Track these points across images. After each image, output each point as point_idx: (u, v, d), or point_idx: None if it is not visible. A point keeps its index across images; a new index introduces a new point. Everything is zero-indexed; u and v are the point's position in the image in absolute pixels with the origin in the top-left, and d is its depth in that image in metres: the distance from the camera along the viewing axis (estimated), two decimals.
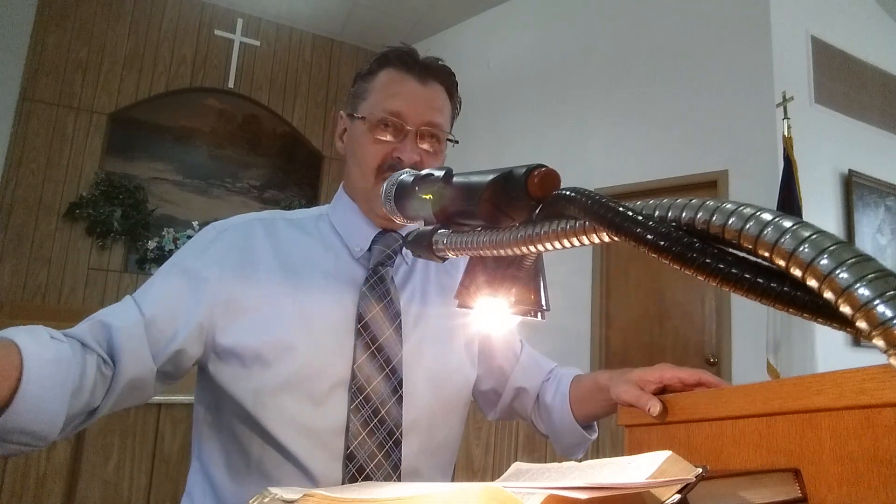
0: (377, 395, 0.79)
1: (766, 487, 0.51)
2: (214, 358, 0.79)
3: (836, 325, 0.25)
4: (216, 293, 0.78)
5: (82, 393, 0.67)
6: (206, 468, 0.81)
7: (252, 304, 0.79)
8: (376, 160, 0.85)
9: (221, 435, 0.80)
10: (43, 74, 4.61)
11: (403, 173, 0.52)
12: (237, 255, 0.81)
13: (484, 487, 0.39)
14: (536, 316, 0.48)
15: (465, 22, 5.26)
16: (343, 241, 0.88)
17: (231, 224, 0.86)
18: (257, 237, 0.84)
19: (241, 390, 0.77)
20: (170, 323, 0.75)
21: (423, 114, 0.86)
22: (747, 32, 3.47)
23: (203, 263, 0.80)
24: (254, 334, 0.77)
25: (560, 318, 3.23)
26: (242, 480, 0.78)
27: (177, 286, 0.78)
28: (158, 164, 5.09)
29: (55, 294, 4.47)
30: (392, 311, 0.84)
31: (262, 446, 0.77)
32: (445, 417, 0.88)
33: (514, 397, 0.99)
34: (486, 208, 0.40)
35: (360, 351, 0.80)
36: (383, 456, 0.78)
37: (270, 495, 0.48)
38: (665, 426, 0.69)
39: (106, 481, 1.81)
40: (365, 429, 0.77)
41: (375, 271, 0.85)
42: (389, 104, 0.85)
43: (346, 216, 0.90)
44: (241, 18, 5.32)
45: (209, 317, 0.77)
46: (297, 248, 0.85)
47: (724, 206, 0.26)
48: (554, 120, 4.39)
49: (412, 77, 0.87)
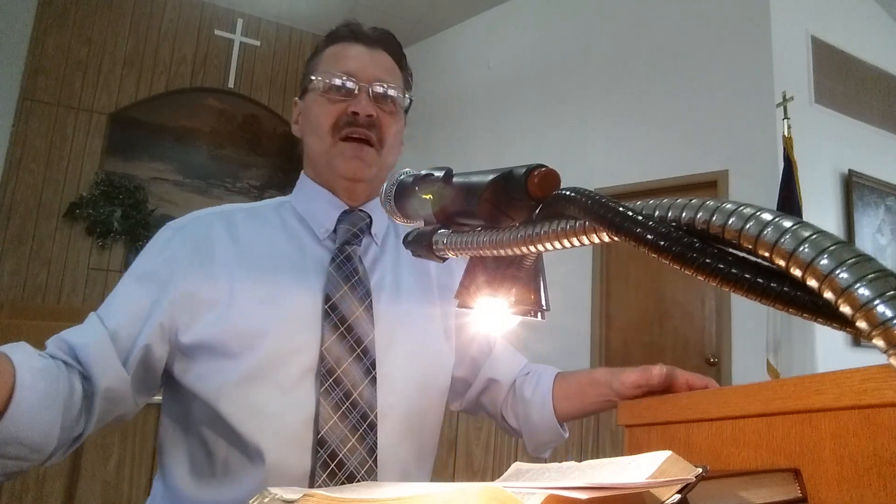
0: (348, 378, 0.76)
1: (766, 487, 0.51)
2: (179, 357, 0.77)
3: (836, 325, 0.25)
4: (175, 291, 0.76)
5: (73, 405, 0.67)
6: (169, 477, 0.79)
7: (213, 297, 0.76)
8: (330, 119, 0.84)
9: (188, 442, 0.78)
10: (43, 74, 4.61)
11: (403, 173, 0.52)
12: (195, 250, 0.79)
13: (484, 487, 0.39)
14: (536, 316, 0.48)
15: (465, 22, 5.26)
16: (306, 226, 0.86)
17: (187, 221, 0.84)
18: (215, 231, 0.82)
19: (207, 388, 0.75)
20: (133, 329, 0.74)
21: (372, 71, 0.85)
22: (747, 32, 3.47)
23: (160, 264, 0.78)
24: (217, 327, 0.75)
25: (560, 318, 3.23)
26: (207, 484, 0.75)
27: (136, 293, 0.76)
28: (158, 164, 5.10)
29: (55, 294, 4.47)
30: (361, 289, 0.81)
31: (227, 446, 0.74)
32: (424, 401, 0.84)
33: (484, 389, 0.97)
34: (486, 208, 0.40)
35: (328, 332, 0.77)
36: (357, 440, 0.74)
37: (270, 495, 0.48)
38: (665, 426, 0.69)
39: (106, 481, 1.81)
40: (336, 412, 0.74)
41: (342, 250, 0.83)
42: (338, 66, 0.85)
43: (309, 199, 0.88)
44: (241, 18, 5.32)
45: (170, 316, 0.75)
46: (258, 238, 0.83)
47: (724, 206, 0.26)
48: (554, 120, 4.39)
49: (358, 43, 0.87)
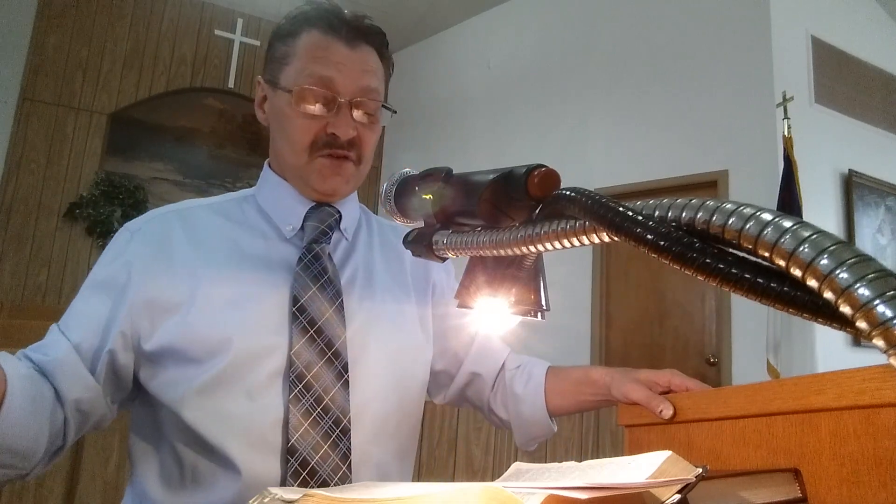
0: (319, 382, 0.73)
1: (766, 487, 0.51)
2: (144, 364, 0.74)
3: (836, 325, 0.25)
4: (134, 297, 0.73)
5: (57, 414, 0.66)
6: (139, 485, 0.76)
7: (174, 301, 0.73)
8: (308, 137, 0.77)
9: (157, 449, 0.75)
10: (43, 74, 4.61)
11: (403, 173, 0.52)
12: (153, 252, 0.75)
13: (484, 487, 0.39)
14: (536, 316, 0.48)
15: (465, 22, 5.26)
16: (272, 223, 0.81)
17: (143, 221, 0.80)
18: (174, 230, 0.78)
19: (171, 395, 0.72)
20: (96, 341, 0.72)
21: (355, 80, 0.76)
22: (747, 32, 3.47)
23: (117, 270, 0.75)
24: (178, 334, 0.72)
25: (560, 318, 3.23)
26: (177, 492, 0.73)
27: (95, 302, 0.74)
28: (158, 164, 5.10)
29: (55, 294, 4.47)
30: (331, 290, 0.77)
31: (195, 454, 0.72)
32: (401, 399, 0.81)
33: (468, 383, 0.94)
34: (486, 208, 0.40)
35: (297, 336, 0.73)
36: (329, 447, 0.72)
37: (270, 495, 0.48)
38: (665, 426, 0.69)
39: (106, 481, 1.81)
40: (307, 419, 0.71)
41: (309, 249, 0.78)
42: (316, 71, 0.75)
43: (274, 194, 0.83)
44: (241, 18, 5.32)
45: (130, 323, 0.72)
46: (220, 236, 0.79)
47: (724, 206, 0.26)
48: (554, 120, 4.39)
49: (339, 41, 0.77)
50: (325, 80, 0.76)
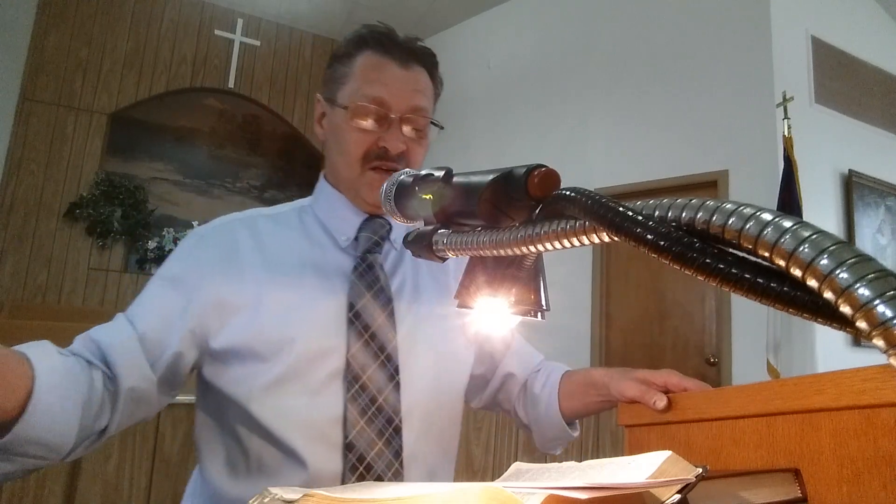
0: (373, 384, 0.78)
1: (766, 487, 0.51)
2: (210, 361, 0.79)
3: (836, 325, 0.25)
4: (204, 297, 0.77)
5: (92, 405, 0.67)
6: (206, 471, 0.81)
7: (241, 303, 0.78)
8: (360, 150, 0.83)
9: (223, 437, 0.80)
10: (43, 74, 4.62)
11: (403, 173, 0.52)
12: (221, 256, 0.81)
13: (484, 487, 0.39)
14: (536, 316, 0.48)
15: (465, 22, 5.26)
16: (328, 233, 0.87)
17: (212, 227, 0.85)
18: (240, 236, 0.83)
19: (238, 390, 0.77)
20: (163, 333, 0.75)
21: (406, 99, 0.83)
22: (747, 32, 3.47)
23: (188, 269, 0.79)
24: (245, 333, 0.77)
25: (560, 318, 3.24)
26: (243, 480, 0.78)
27: (165, 296, 0.77)
28: (158, 164, 5.10)
29: (55, 294, 4.47)
30: (383, 297, 0.83)
31: (261, 444, 0.77)
32: (445, 401, 0.87)
33: (502, 385, 0.99)
34: (486, 208, 0.40)
35: (353, 340, 0.79)
36: (384, 444, 0.77)
37: (270, 495, 0.48)
38: (665, 426, 0.69)
39: (106, 481, 1.81)
40: (363, 417, 0.77)
41: (363, 259, 0.84)
42: (370, 91, 0.82)
43: (330, 206, 0.88)
44: (241, 18, 5.33)
45: (200, 322, 0.77)
46: (282, 244, 0.84)
47: (724, 206, 0.26)
48: (554, 120, 4.39)
49: (392, 61, 0.84)
50: (378, 98, 0.82)
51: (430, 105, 0.87)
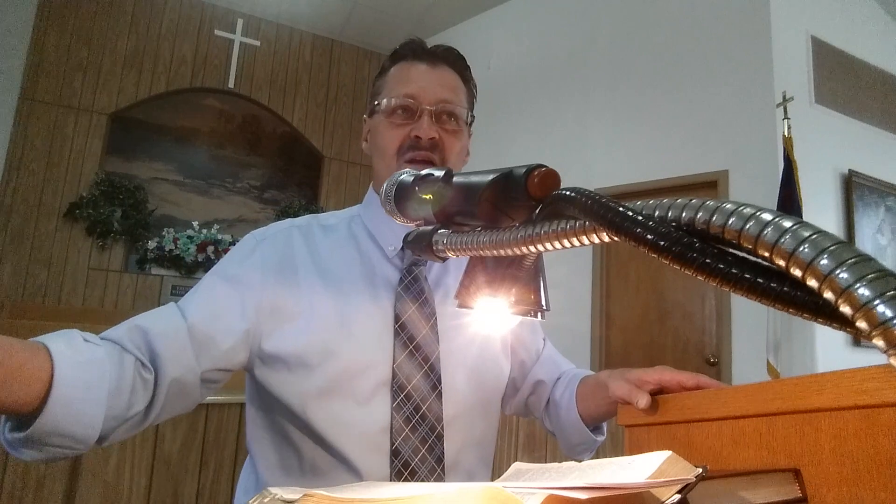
0: (417, 393, 0.81)
1: (766, 487, 0.51)
2: (259, 363, 0.80)
3: (836, 325, 0.25)
4: (261, 300, 0.79)
5: (121, 394, 0.67)
6: (258, 468, 0.83)
7: (295, 309, 0.80)
8: (395, 143, 0.86)
9: (274, 436, 0.82)
10: (43, 74, 4.61)
11: (403, 173, 0.52)
12: (278, 261, 0.83)
13: (484, 487, 0.39)
14: (536, 316, 0.48)
15: (465, 22, 5.26)
16: (376, 243, 0.89)
17: (270, 232, 0.88)
18: (296, 243, 0.86)
19: (288, 394, 0.79)
20: (215, 328, 0.76)
21: (435, 92, 0.87)
22: (747, 32, 3.47)
23: (246, 270, 0.81)
24: (297, 340, 0.79)
25: (560, 318, 3.24)
26: (296, 480, 0.80)
27: (221, 293, 0.79)
28: (158, 164, 5.10)
29: (55, 294, 4.47)
30: (427, 310, 0.85)
31: (313, 447, 0.79)
32: (484, 410, 0.89)
33: (532, 391, 1.01)
34: (486, 208, 0.40)
35: (398, 350, 0.81)
36: (427, 450, 0.80)
37: (270, 495, 0.48)
38: (665, 426, 0.69)
39: (106, 481, 1.81)
40: (408, 425, 0.79)
41: (409, 271, 0.87)
42: (402, 89, 0.87)
43: (377, 216, 0.91)
44: (241, 18, 5.32)
45: (255, 323, 0.79)
46: (333, 253, 0.87)
47: (724, 206, 0.26)
48: (554, 120, 4.39)
49: (422, 62, 0.89)
50: (408, 93, 0.87)
51: (461, 101, 0.90)
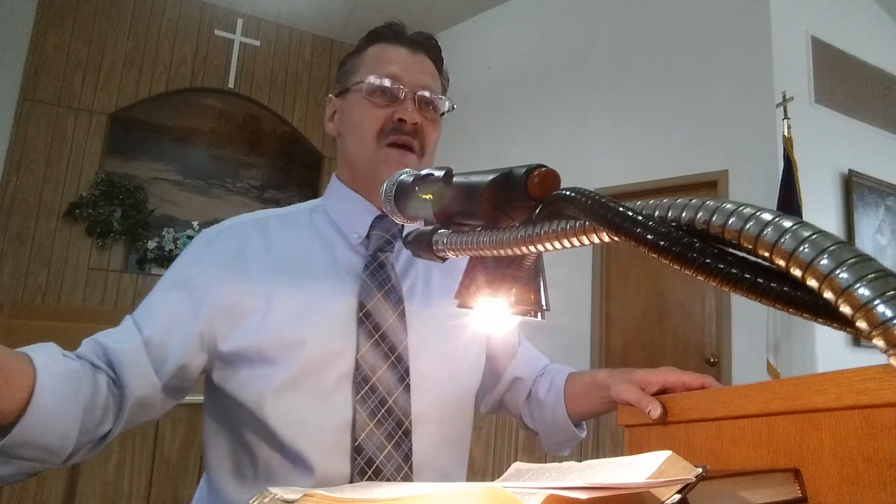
0: (383, 385, 0.77)
1: (766, 487, 0.51)
2: (220, 366, 0.78)
3: (836, 325, 0.25)
4: (213, 300, 0.76)
5: (95, 409, 0.66)
6: (214, 478, 0.80)
7: (251, 306, 0.77)
8: (377, 124, 0.83)
9: (231, 443, 0.79)
10: (43, 74, 4.61)
11: (403, 173, 0.52)
12: (231, 259, 0.80)
13: (484, 487, 0.39)
14: (536, 316, 0.48)
15: (465, 22, 5.25)
16: (339, 230, 0.86)
17: (222, 229, 0.85)
18: (250, 238, 0.82)
19: (247, 395, 0.76)
20: (170, 338, 0.74)
21: (417, 77, 0.85)
22: (747, 32, 3.47)
23: (197, 272, 0.78)
24: (255, 336, 0.76)
25: (560, 318, 3.23)
26: (250, 486, 0.77)
27: (173, 300, 0.77)
28: (158, 164, 5.09)
29: (55, 294, 4.47)
30: (394, 297, 0.81)
31: (268, 449, 0.76)
32: (457, 404, 0.86)
33: (508, 389, 0.98)
34: (486, 208, 0.40)
35: (363, 340, 0.77)
36: (393, 447, 0.76)
37: (270, 495, 0.48)
38: (665, 426, 0.69)
39: (106, 481, 1.81)
40: (372, 420, 0.75)
41: (375, 257, 0.83)
42: (383, 69, 0.84)
43: (342, 203, 0.88)
44: (241, 18, 5.32)
45: (208, 325, 0.76)
46: (292, 244, 0.83)
47: (724, 206, 0.26)
48: (554, 120, 4.39)
49: (402, 47, 0.87)
50: (391, 74, 0.84)
51: (439, 90, 0.89)
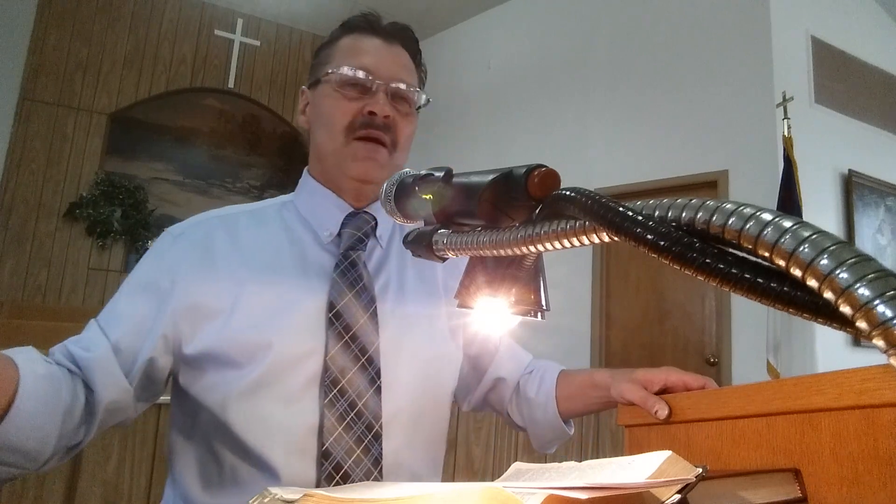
0: (353, 388, 0.74)
1: (766, 487, 0.51)
2: (185, 368, 0.75)
3: (836, 325, 0.25)
4: (177, 301, 0.74)
5: (74, 415, 0.66)
6: (179, 482, 0.78)
7: (216, 306, 0.74)
8: (346, 117, 0.80)
9: (196, 448, 0.77)
10: (43, 74, 4.62)
11: (403, 173, 0.52)
12: (196, 257, 0.77)
13: (484, 487, 0.39)
14: (536, 316, 0.48)
15: (465, 22, 5.26)
16: (310, 228, 0.83)
17: (188, 226, 0.82)
18: (216, 236, 0.79)
19: (212, 398, 0.73)
20: (136, 342, 0.73)
21: (391, 69, 0.81)
22: (747, 32, 3.47)
23: (161, 272, 0.76)
24: (220, 338, 0.73)
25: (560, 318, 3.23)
26: (216, 491, 0.74)
27: (138, 303, 0.74)
28: (158, 164, 5.10)
29: (55, 294, 4.47)
30: (366, 297, 0.78)
31: (234, 456, 0.73)
32: (431, 406, 0.83)
33: (492, 388, 0.96)
34: (486, 208, 0.40)
35: (332, 342, 0.74)
36: (362, 451, 0.73)
37: (270, 495, 0.48)
38: (665, 426, 0.69)
39: (106, 481, 1.81)
40: (341, 424, 0.72)
41: (346, 256, 0.80)
42: (355, 61, 0.81)
43: (313, 200, 0.85)
44: (241, 18, 5.32)
45: (173, 328, 0.73)
46: (260, 242, 0.80)
47: (724, 206, 0.26)
48: (554, 120, 4.39)
49: (376, 37, 0.84)
50: (362, 65, 0.80)
51: (414, 83, 0.85)
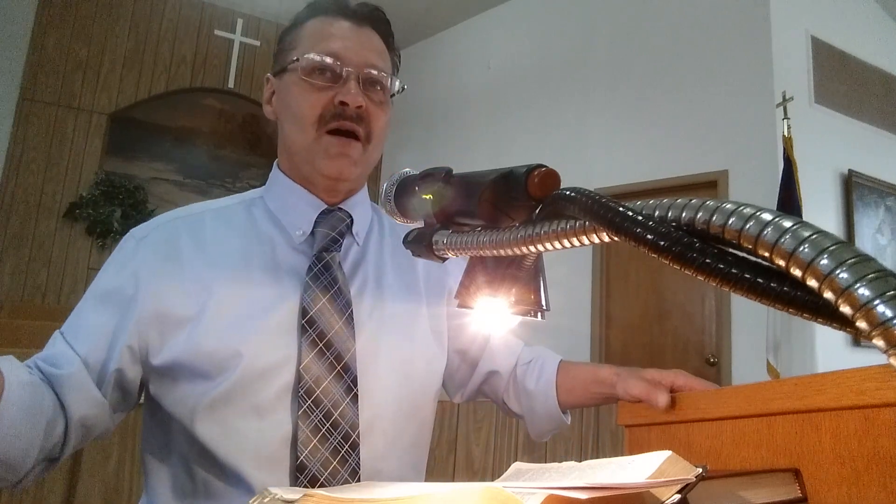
0: (328, 398, 0.71)
1: (766, 487, 0.51)
2: (155, 378, 0.73)
3: (836, 325, 0.25)
4: (142, 310, 0.70)
5: (55, 427, 0.64)
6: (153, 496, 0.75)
7: (182, 315, 0.71)
8: (316, 110, 0.74)
9: (169, 458, 0.74)
10: (43, 74, 4.62)
11: (403, 173, 0.52)
12: (160, 262, 0.73)
13: (484, 487, 0.39)
14: (536, 316, 0.48)
15: (465, 22, 5.26)
16: (281, 227, 0.78)
17: (151, 228, 0.77)
18: (181, 238, 0.75)
19: (181, 410, 0.71)
20: (103, 355, 0.70)
21: (362, 54, 0.76)
22: (747, 32, 3.47)
23: (124, 280, 0.72)
24: (189, 349, 0.70)
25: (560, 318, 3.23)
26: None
27: (102, 314, 0.71)
28: (158, 164, 5.10)
29: (55, 294, 4.48)
30: (341, 301, 0.74)
31: (206, 467, 0.70)
32: (413, 409, 0.79)
33: (485, 381, 0.93)
34: (486, 208, 0.40)
35: (306, 350, 0.71)
36: (339, 462, 0.70)
37: (270, 495, 0.48)
38: (665, 426, 0.69)
39: (106, 481, 1.81)
40: (316, 435, 0.69)
41: (319, 258, 0.76)
42: (323, 46, 0.75)
43: (284, 197, 0.80)
44: (241, 18, 5.32)
45: (138, 336, 0.70)
46: (228, 244, 0.76)
47: (724, 206, 0.26)
48: (554, 120, 4.39)
49: (344, 19, 0.78)
50: (332, 51, 0.75)
51: (387, 69, 0.79)
